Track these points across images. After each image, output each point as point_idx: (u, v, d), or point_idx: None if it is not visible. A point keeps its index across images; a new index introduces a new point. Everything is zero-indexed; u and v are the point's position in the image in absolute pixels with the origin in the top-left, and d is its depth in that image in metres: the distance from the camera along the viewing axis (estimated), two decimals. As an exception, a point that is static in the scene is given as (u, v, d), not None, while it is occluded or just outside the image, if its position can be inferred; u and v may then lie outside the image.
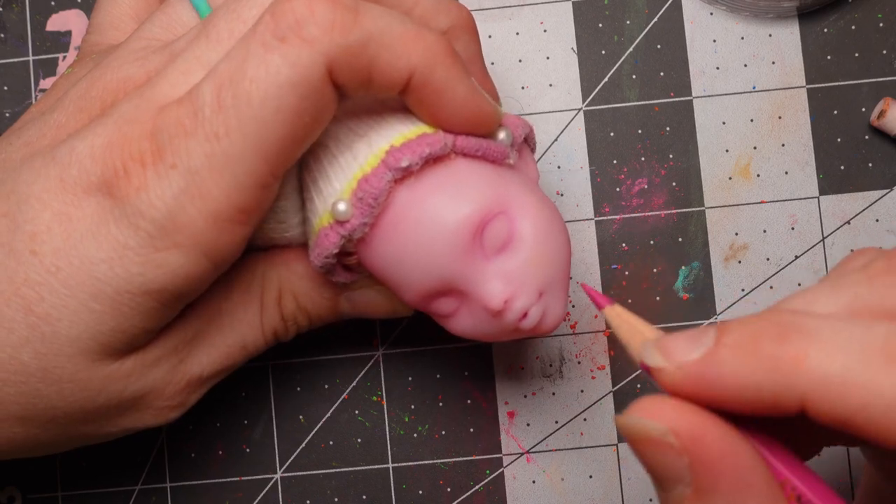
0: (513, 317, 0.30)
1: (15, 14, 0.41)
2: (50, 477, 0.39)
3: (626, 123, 0.40)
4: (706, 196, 0.39)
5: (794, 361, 0.22)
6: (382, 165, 0.29)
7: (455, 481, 0.39)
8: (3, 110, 0.41)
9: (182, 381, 0.32)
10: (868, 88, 0.39)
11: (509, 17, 0.40)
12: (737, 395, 0.23)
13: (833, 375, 0.21)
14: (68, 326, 0.28)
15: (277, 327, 0.34)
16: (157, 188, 0.28)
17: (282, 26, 0.27)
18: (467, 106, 0.30)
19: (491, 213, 0.30)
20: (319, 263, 0.31)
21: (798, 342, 0.22)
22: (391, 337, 0.40)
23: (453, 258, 0.30)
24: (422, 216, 0.29)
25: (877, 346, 0.21)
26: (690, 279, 0.39)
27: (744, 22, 0.40)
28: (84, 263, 0.28)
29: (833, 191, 0.39)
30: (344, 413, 0.39)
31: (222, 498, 0.39)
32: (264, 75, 0.27)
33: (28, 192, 0.29)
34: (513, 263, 0.30)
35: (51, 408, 0.30)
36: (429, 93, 0.29)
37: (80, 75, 0.32)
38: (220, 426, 0.39)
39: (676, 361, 0.23)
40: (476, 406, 0.39)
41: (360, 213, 0.29)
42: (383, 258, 0.30)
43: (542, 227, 0.30)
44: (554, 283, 0.31)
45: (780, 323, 0.22)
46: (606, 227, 0.39)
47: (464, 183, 0.30)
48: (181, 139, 0.27)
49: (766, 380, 0.22)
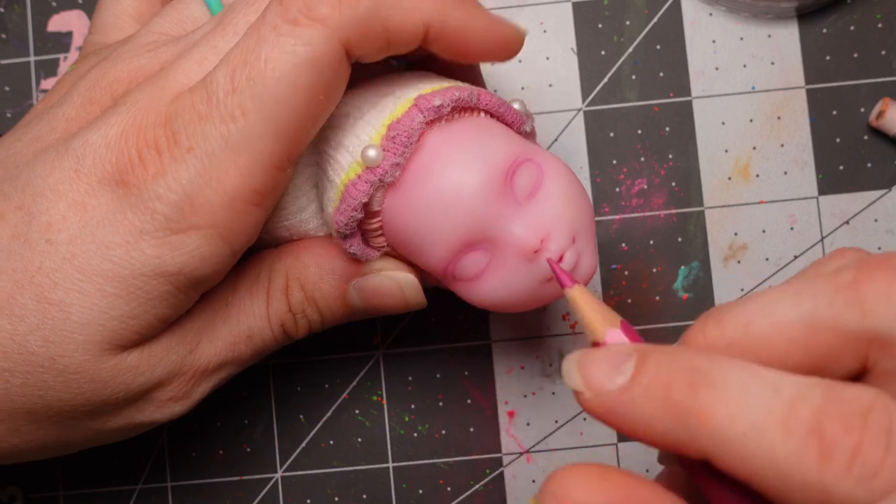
0: (549, 256, 0.30)
1: (16, 15, 0.41)
2: (51, 476, 0.40)
3: (625, 124, 0.40)
4: (706, 196, 0.39)
5: (700, 416, 0.22)
6: (414, 108, 0.30)
7: (455, 481, 0.39)
8: (5, 110, 0.41)
9: (189, 373, 0.32)
10: (867, 89, 0.39)
11: (509, 17, 0.40)
12: (647, 434, 0.23)
13: (734, 438, 0.22)
14: (79, 312, 0.29)
15: (285, 320, 0.33)
16: (174, 172, 0.28)
17: (292, 10, 0.27)
18: (491, 32, 0.30)
19: (520, 159, 0.30)
20: (344, 219, 0.30)
21: (706, 397, 0.22)
22: (391, 337, 0.40)
23: (484, 201, 0.29)
24: (453, 160, 0.29)
25: (779, 414, 0.21)
26: (690, 279, 0.39)
27: (743, 22, 0.40)
28: (100, 248, 0.28)
29: (832, 191, 0.39)
30: (344, 413, 0.40)
31: (223, 497, 0.39)
32: (279, 55, 0.27)
33: (43, 185, 0.29)
34: (544, 207, 0.30)
35: (57, 400, 0.30)
36: (451, 36, 0.29)
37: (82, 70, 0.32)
38: (221, 426, 0.40)
39: (595, 389, 0.23)
40: (476, 406, 0.39)
41: (392, 154, 0.29)
42: (412, 207, 0.30)
43: (570, 177, 0.31)
44: (585, 231, 0.31)
45: (694, 370, 0.23)
46: (606, 227, 0.39)
47: (491, 134, 0.30)
48: (196, 123, 0.28)
49: (672, 427, 0.22)
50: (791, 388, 0.22)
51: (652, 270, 0.39)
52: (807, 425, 0.21)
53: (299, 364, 0.40)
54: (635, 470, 0.39)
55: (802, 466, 0.21)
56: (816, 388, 0.22)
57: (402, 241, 0.31)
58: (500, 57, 0.31)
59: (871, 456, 0.20)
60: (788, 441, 0.21)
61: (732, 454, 0.22)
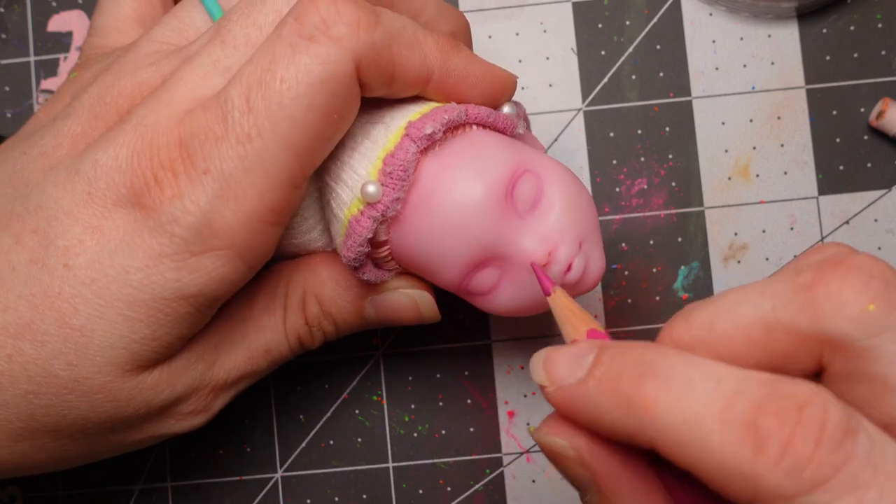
0: (558, 268, 0.30)
1: (16, 15, 0.41)
2: (51, 476, 0.40)
3: (625, 124, 0.40)
4: (706, 196, 0.39)
5: (645, 407, 0.23)
6: (406, 138, 0.29)
7: (455, 481, 0.39)
8: (5, 110, 0.41)
9: (208, 387, 0.32)
10: (867, 89, 0.39)
11: (509, 17, 0.40)
12: (601, 426, 0.24)
13: (674, 427, 0.22)
14: (102, 337, 0.29)
15: (301, 332, 0.34)
16: (192, 194, 0.28)
17: (308, 26, 0.27)
18: (487, 78, 0.31)
19: (518, 172, 0.30)
20: (352, 255, 0.30)
21: (651, 388, 0.23)
22: (391, 337, 0.40)
23: (490, 220, 0.30)
24: (453, 183, 0.29)
25: (718, 405, 0.22)
26: (690, 279, 0.39)
27: (743, 22, 0.40)
28: (119, 273, 0.28)
29: (832, 191, 0.39)
30: (344, 413, 0.40)
31: (223, 497, 0.39)
32: (294, 74, 0.27)
33: (57, 208, 0.29)
34: (548, 218, 0.30)
35: (81, 419, 0.30)
36: (452, 82, 0.30)
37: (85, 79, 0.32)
38: (221, 426, 0.40)
39: (556, 383, 0.25)
40: (476, 406, 0.39)
41: (391, 189, 0.29)
42: (418, 236, 0.30)
43: (569, 181, 0.31)
44: (591, 234, 0.31)
45: (643, 362, 0.24)
46: (606, 227, 0.39)
47: (486, 148, 0.30)
48: (212, 144, 0.28)
49: (622, 419, 0.23)
50: (733, 380, 0.22)
51: (652, 270, 0.39)
52: (743, 417, 0.22)
53: (299, 364, 0.40)
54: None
55: (737, 457, 0.21)
56: (756, 381, 0.22)
57: (412, 265, 0.31)
58: (496, 101, 0.32)
59: (802, 449, 0.21)
60: (725, 432, 0.22)
61: (674, 443, 0.22)
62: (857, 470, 0.21)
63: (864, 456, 0.21)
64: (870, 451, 0.21)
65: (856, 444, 0.21)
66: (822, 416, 0.21)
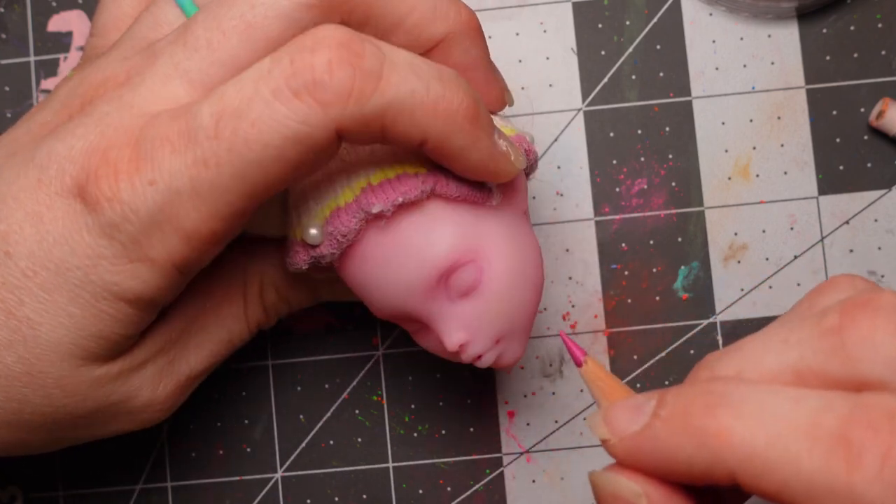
0: (466, 359, 0.31)
1: (16, 14, 0.41)
2: (51, 476, 0.40)
3: (625, 123, 0.40)
4: (705, 196, 0.39)
5: (721, 436, 0.22)
6: (355, 203, 0.29)
7: (455, 481, 0.39)
8: (4, 111, 0.41)
9: (171, 383, 0.32)
10: (867, 89, 0.39)
11: (509, 17, 0.40)
12: (673, 467, 0.23)
13: (757, 452, 0.21)
14: (49, 331, 0.28)
15: (261, 319, 0.34)
16: (132, 202, 0.27)
17: (298, 80, 0.26)
18: (479, 168, 0.29)
19: (459, 262, 0.30)
20: (293, 269, 0.31)
21: (724, 416, 0.22)
22: (391, 337, 0.40)
23: (417, 299, 0.30)
24: (389, 259, 0.30)
25: (801, 424, 0.21)
26: (690, 279, 0.39)
27: (743, 22, 0.40)
28: (60, 269, 0.28)
29: (832, 191, 0.39)
30: (344, 413, 0.40)
31: (223, 497, 0.39)
32: (268, 122, 0.26)
33: (6, 192, 0.29)
34: (474, 310, 0.30)
35: (38, 413, 0.29)
36: (443, 156, 0.28)
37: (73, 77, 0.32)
38: (220, 426, 0.40)
39: (618, 434, 0.24)
40: (476, 406, 0.39)
41: (328, 244, 0.30)
42: (351, 281, 0.31)
43: (509, 278, 0.30)
44: (513, 331, 0.31)
45: (711, 393, 0.23)
46: (606, 227, 0.39)
47: (436, 229, 0.30)
48: (166, 155, 0.27)
49: (697, 454, 0.22)
50: (813, 399, 0.22)
51: (652, 270, 0.39)
52: (833, 433, 0.21)
53: (299, 364, 0.40)
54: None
55: (830, 474, 0.21)
56: (839, 398, 0.21)
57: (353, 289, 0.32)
58: (488, 181, 0.30)
59: None
60: (814, 449, 0.21)
61: (757, 469, 0.21)
62: None
63: None
64: None
65: None
66: None
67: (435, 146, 0.28)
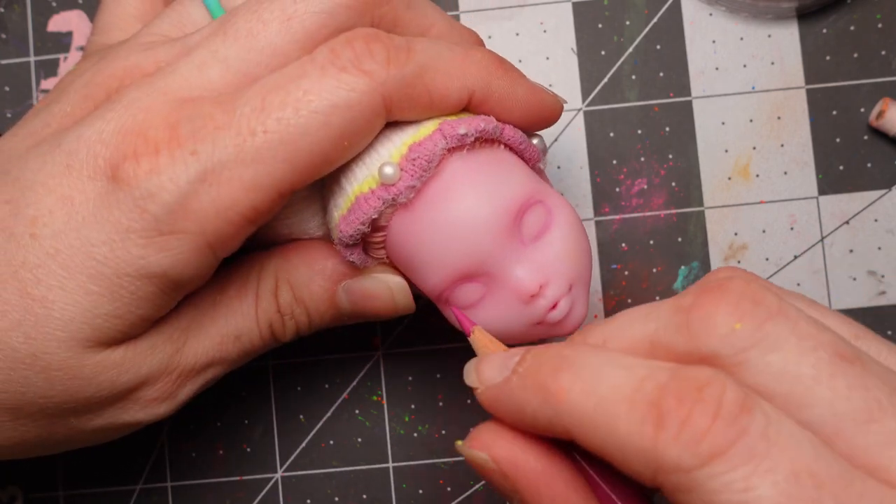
0: (545, 303, 0.30)
1: (16, 15, 0.41)
2: (51, 476, 0.40)
3: (625, 123, 0.40)
4: (706, 196, 0.40)
5: (559, 395, 0.24)
6: (437, 132, 0.29)
7: (455, 481, 0.39)
8: (4, 110, 0.41)
9: (175, 372, 0.32)
10: (867, 89, 0.39)
11: (509, 17, 0.40)
12: (523, 419, 0.25)
13: (586, 413, 0.23)
14: (62, 308, 0.28)
15: (273, 320, 0.33)
16: (171, 172, 0.28)
17: (342, 58, 0.28)
18: (531, 102, 0.31)
19: (532, 200, 0.30)
20: (350, 231, 0.30)
21: (565, 378, 0.24)
22: (391, 337, 0.40)
23: (494, 236, 0.29)
24: (470, 190, 0.29)
25: (625, 390, 0.23)
26: (690, 279, 0.39)
27: (743, 22, 0.40)
28: (84, 245, 0.28)
29: (832, 191, 0.39)
30: (344, 413, 0.40)
31: (223, 497, 0.39)
32: (319, 90, 0.28)
33: (33, 179, 0.29)
34: (548, 252, 0.30)
35: (40, 397, 0.29)
36: (493, 103, 0.31)
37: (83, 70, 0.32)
38: (221, 426, 0.40)
39: (485, 384, 0.26)
40: (476, 406, 0.39)
41: (409, 176, 0.29)
42: (419, 231, 0.30)
43: (575, 224, 0.31)
44: (582, 280, 0.31)
45: (560, 356, 0.25)
46: (606, 227, 0.39)
47: (509, 169, 0.30)
48: (209, 131, 0.28)
49: (540, 409, 0.24)
50: (642, 368, 0.24)
51: (652, 270, 0.39)
52: (648, 400, 0.23)
53: (299, 364, 0.40)
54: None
55: (640, 436, 0.22)
56: (663, 369, 0.23)
57: (402, 260, 0.31)
58: (539, 125, 0.32)
59: (699, 424, 0.22)
60: (632, 413, 0.23)
61: (586, 428, 0.23)
62: (753, 443, 0.22)
63: (759, 430, 0.22)
64: (766, 426, 0.22)
65: (752, 420, 0.22)
66: (719, 394, 0.22)
67: (482, 95, 0.30)
